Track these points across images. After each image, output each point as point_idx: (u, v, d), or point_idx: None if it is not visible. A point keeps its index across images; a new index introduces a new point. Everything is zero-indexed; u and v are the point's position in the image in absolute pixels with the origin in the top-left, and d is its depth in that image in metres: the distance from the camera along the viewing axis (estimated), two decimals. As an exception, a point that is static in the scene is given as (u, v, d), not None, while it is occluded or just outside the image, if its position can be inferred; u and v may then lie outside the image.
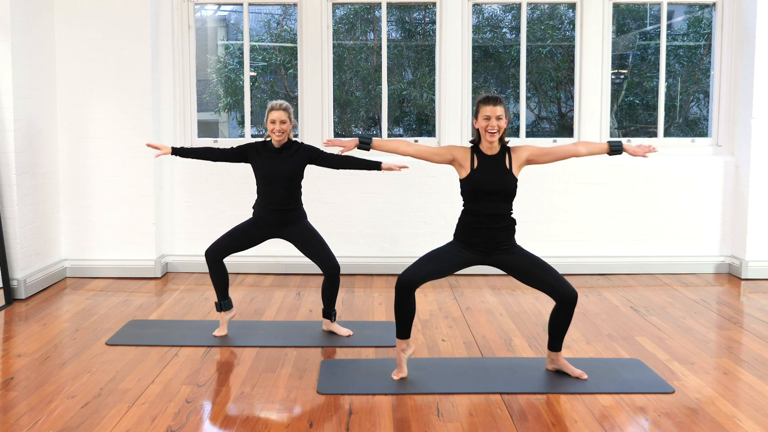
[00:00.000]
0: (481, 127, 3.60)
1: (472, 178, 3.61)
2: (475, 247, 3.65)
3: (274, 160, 4.27)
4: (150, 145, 4.39)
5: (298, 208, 4.36)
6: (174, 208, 6.29)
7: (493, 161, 3.63)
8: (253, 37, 7.20)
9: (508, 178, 3.62)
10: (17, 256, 5.35)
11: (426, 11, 7.36)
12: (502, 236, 3.64)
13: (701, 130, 7.32)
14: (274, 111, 4.22)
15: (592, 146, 3.77)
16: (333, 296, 4.43)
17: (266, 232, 4.36)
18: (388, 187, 6.21)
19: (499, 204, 3.62)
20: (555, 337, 3.75)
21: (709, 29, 6.73)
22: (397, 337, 3.72)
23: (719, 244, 6.30)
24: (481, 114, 3.59)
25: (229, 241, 4.35)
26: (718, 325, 4.76)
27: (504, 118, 3.59)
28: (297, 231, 4.34)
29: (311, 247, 4.33)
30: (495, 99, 3.58)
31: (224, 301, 4.44)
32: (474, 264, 3.69)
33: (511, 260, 3.66)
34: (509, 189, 3.62)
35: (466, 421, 3.22)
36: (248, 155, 4.34)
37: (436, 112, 6.44)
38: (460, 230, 3.70)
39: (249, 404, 3.41)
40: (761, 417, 3.27)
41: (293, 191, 4.31)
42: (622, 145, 3.72)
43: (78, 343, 4.30)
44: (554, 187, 6.23)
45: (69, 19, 5.90)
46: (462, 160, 3.64)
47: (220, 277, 4.39)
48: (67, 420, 3.21)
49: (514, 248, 3.68)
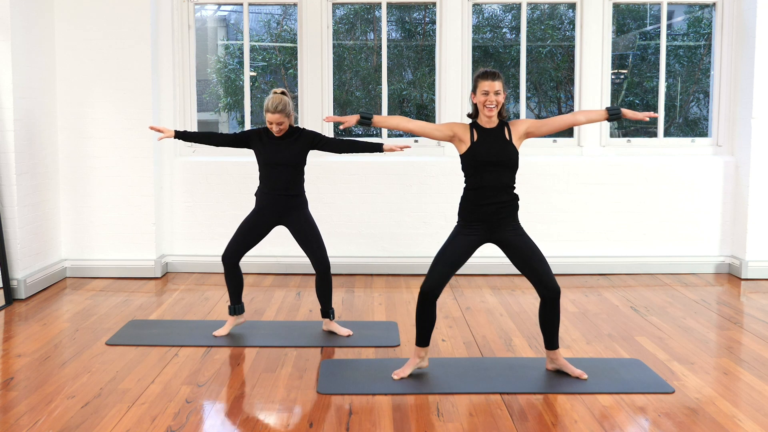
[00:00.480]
0: (480, 101, 3.61)
1: (473, 151, 3.61)
2: (480, 224, 3.64)
3: (276, 147, 4.26)
4: (153, 128, 4.39)
5: (301, 195, 4.35)
6: (174, 208, 6.29)
7: (493, 134, 3.64)
8: (253, 37, 7.20)
9: (509, 148, 3.62)
10: (17, 256, 5.35)
11: (426, 11, 7.36)
12: (505, 211, 3.64)
13: (701, 130, 7.32)
14: (269, 114, 4.16)
15: (591, 114, 3.78)
16: (327, 294, 4.43)
17: (270, 219, 4.35)
18: (388, 187, 6.21)
19: (502, 176, 3.62)
20: (548, 334, 3.75)
21: (709, 29, 6.74)
22: (417, 344, 3.74)
23: (719, 244, 6.30)
24: (480, 89, 3.60)
25: (240, 241, 4.35)
26: (718, 325, 4.76)
27: (502, 93, 3.60)
28: (298, 220, 4.33)
29: (307, 241, 4.34)
30: (493, 74, 3.59)
31: (237, 305, 4.45)
32: (481, 244, 3.69)
33: (514, 242, 3.66)
34: (511, 159, 3.62)
35: (466, 421, 3.22)
36: (251, 141, 4.32)
37: (436, 112, 6.44)
38: (463, 208, 3.69)
39: (249, 404, 3.41)
40: (761, 417, 3.27)
41: (296, 177, 4.31)
42: (621, 110, 3.73)
43: (78, 343, 4.30)
44: (554, 187, 6.23)
45: (69, 19, 5.90)
46: (462, 135, 3.65)
47: (236, 282, 4.41)
48: (67, 420, 3.21)
49: (519, 230, 3.69)
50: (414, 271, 6.09)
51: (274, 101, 4.17)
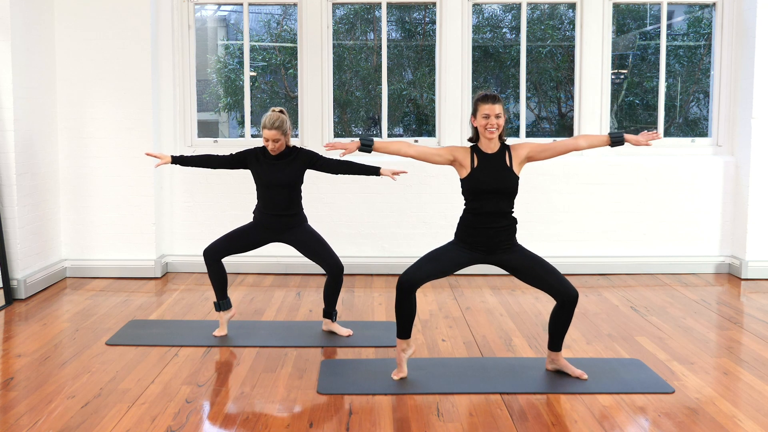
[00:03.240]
0: (481, 125, 3.61)
1: (473, 177, 3.61)
2: (477, 247, 3.64)
3: (273, 168, 4.26)
4: (149, 155, 4.41)
5: (299, 213, 4.36)
6: (174, 208, 6.29)
7: (494, 159, 3.63)
8: (253, 37, 7.20)
9: (510, 176, 3.62)
10: (17, 256, 5.35)
11: (426, 11, 7.36)
12: (503, 236, 3.63)
13: (701, 130, 7.32)
14: (266, 130, 4.16)
15: (593, 139, 3.76)
16: (335, 296, 4.44)
17: (266, 236, 4.36)
18: (388, 187, 6.21)
19: (501, 202, 3.62)
20: (555, 336, 3.74)
21: (709, 29, 6.74)
22: (398, 337, 3.72)
23: (719, 244, 6.30)
24: (480, 112, 3.59)
25: (228, 243, 4.35)
26: (718, 325, 4.76)
27: (503, 116, 3.59)
28: (297, 235, 4.34)
29: (312, 250, 4.34)
30: (493, 97, 3.58)
31: (223, 301, 4.44)
32: (475, 263, 3.69)
33: (513, 259, 3.66)
34: (511, 187, 3.62)
35: (466, 421, 3.22)
36: (248, 162, 4.33)
37: (436, 112, 6.44)
38: (461, 230, 3.70)
39: (249, 404, 3.41)
40: (761, 417, 3.27)
41: (293, 197, 4.32)
42: (623, 136, 3.72)
43: (78, 343, 4.30)
44: (554, 187, 6.23)
45: (69, 19, 5.90)
46: (462, 160, 3.64)
47: (218, 277, 4.39)
48: (67, 420, 3.21)
49: (515, 247, 3.68)
50: (414, 271, 6.08)
51: (272, 118, 4.17)
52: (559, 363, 3.79)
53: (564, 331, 3.72)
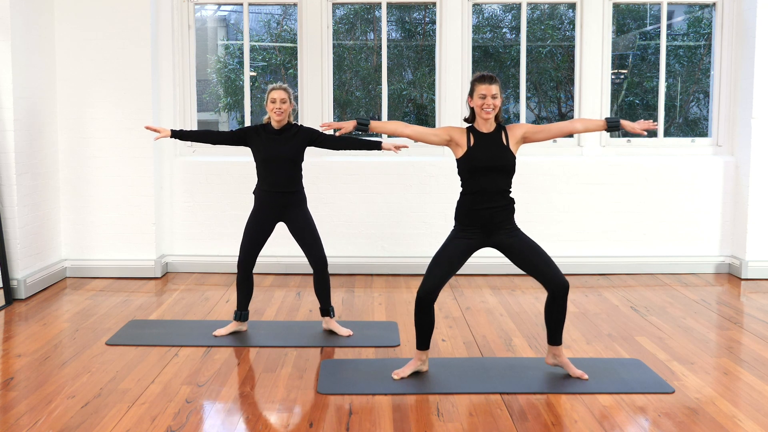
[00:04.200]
0: (477, 105, 3.62)
1: (469, 155, 3.62)
2: (476, 229, 3.64)
3: (274, 142, 4.27)
4: (149, 128, 4.40)
5: (300, 191, 4.37)
6: (174, 208, 6.29)
7: (490, 138, 3.65)
8: (253, 37, 7.20)
9: (506, 154, 3.63)
10: (17, 256, 5.35)
11: (426, 11, 7.37)
12: (501, 215, 3.64)
13: (701, 130, 7.32)
14: (274, 90, 4.27)
15: (589, 123, 3.78)
16: (325, 292, 4.45)
17: (270, 217, 4.36)
18: (388, 187, 6.21)
19: (499, 180, 3.62)
20: (552, 329, 3.74)
21: (709, 29, 6.74)
22: (417, 348, 3.74)
23: (719, 244, 6.30)
24: (477, 92, 3.61)
25: (250, 245, 4.37)
26: (718, 325, 4.76)
27: (499, 96, 3.61)
28: (297, 217, 4.35)
29: (304, 238, 4.36)
30: (490, 77, 3.60)
31: (244, 312, 4.47)
32: (478, 248, 3.69)
33: (511, 243, 3.66)
34: (507, 164, 3.62)
35: (466, 421, 3.22)
36: (248, 138, 4.34)
37: (436, 112, 6.44)
38: (459, 213, 3.69)
39: (249, 404, 3.41)
40: (761, 417, 3.27)
41: (294, 173, 4.32)
42: (620, 121, 3.73)
43: (78, 343, 4.30)
44: (554, 187, 6.23)
45: (69, 19, 5.90)
46: (459, 139, 3.65)
47: (246, 290, 4.44)
48: (67, 420, 3.21)
49: (514, 231, 3.68)
50: (414, 271, 6.09)
51: (278, 84, 4.36)
52: (560, 360, 3.78)
53: (560, 324, 3.71)
